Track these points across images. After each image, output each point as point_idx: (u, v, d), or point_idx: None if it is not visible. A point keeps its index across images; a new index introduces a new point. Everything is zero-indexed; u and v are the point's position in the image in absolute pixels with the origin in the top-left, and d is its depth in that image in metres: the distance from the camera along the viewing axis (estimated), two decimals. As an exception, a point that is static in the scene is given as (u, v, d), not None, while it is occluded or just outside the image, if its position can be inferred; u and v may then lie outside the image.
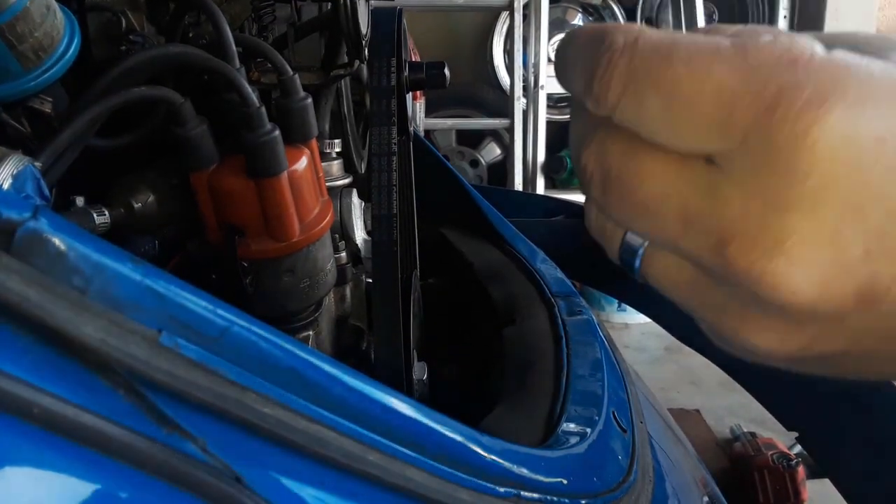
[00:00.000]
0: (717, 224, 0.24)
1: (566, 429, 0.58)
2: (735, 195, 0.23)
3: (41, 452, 0.24)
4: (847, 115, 0.21)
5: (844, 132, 0.21)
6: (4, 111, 0.52)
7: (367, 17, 0.79)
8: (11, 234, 0.24)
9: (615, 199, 0.27)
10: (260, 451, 0.29)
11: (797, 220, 0.22)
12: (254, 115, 0.59)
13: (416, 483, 0.33)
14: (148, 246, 0.71)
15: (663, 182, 0.25)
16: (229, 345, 0.28)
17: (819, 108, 0.21)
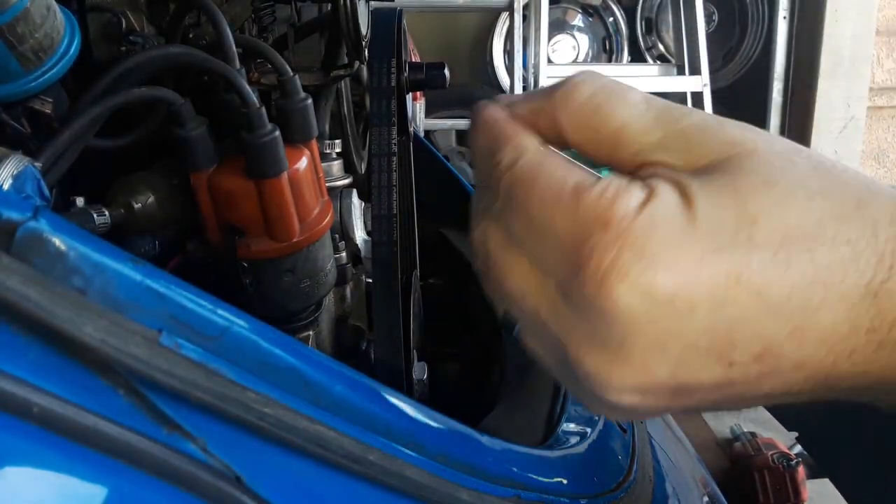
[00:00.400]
0: (558, 332, 0.29)
1: (566, 429, 0.58)
2: (568, 318, 0.29)
3: (41, 452, 0.24)
4: (643, 273, 0.26)
5: (640, 288, 0.26)
6: (4, 111, 0.52)
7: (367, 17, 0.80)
8: (12, 235, 0.24)
9: (489, 278, 0.32)
10: (260, 451, 0.29)
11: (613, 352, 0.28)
12: (254, 115, 0.59)
13: (416, 483, 0.33)
14: (148, 246, 0.71)
15: (523, 283, 0.30)
16: (229, 345, 0.28)
17: (621, 267, 0.26)
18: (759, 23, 3.95)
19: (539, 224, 0.29)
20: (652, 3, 4.13)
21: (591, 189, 0.28)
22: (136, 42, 0.63)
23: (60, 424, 0.24)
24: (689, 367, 0.28)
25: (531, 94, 0.33)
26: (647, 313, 0.27)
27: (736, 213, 0.27)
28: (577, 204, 0.28)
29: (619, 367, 0.28)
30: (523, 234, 0.30)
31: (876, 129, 3.83)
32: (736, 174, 0.28)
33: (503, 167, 0.31)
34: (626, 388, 0.29)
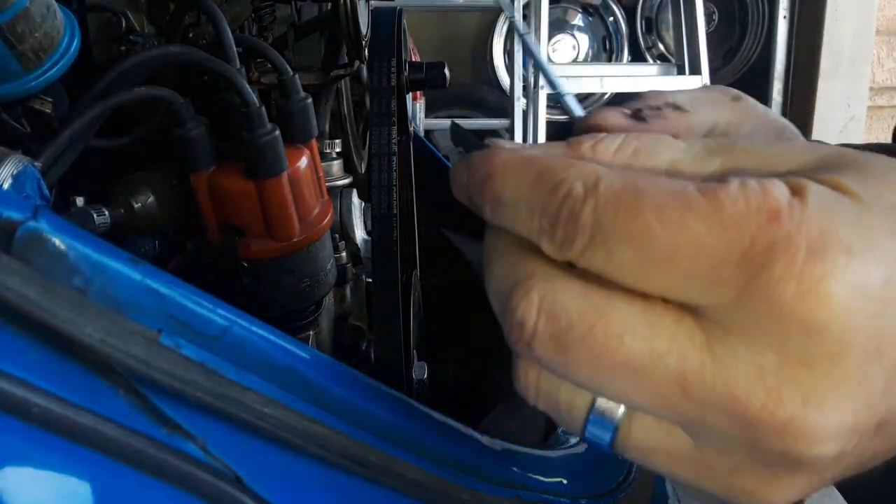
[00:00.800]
0: (725, 385, 0.22)
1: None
2: (742, 352, 0.22)
3: (41, 452, 0.24)
4: (850, 264, 0.21)
5: (852, 282, 0.21)
6: (4, 111, 0.52)
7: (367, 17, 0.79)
8: (12, 234, 0.24)
9: (582, 359, 0.23)
10: (260, 451, 0.29)
11: (824, 372, 0.21)
12: (254, 115, 0.59)
13: (416, 483, 0.33)
14: (148, 246, 0.71)
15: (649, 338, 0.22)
16: (229, 345, 0.28)
17: (823, 262, 0.21)
18: (759, 23, 3.95)
19: (663, 243, 0.22)
20: (652, 3, 4.13)
21: (725, 187, 0.22)
22: (136, 42, 0.63)
23: (60, 424, 0.24)
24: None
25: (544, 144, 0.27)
26: (865, 312, 0.21)
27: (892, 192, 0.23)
28: (720, 204, 0.21)
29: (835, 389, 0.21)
30: (636, 269, 0.22)
31: (876, 129, 3.83)
32: (852, 165, 0.23)
33: (578, 195, 0.23)
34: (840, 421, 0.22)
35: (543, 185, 0.24)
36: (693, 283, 0.22)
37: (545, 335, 0.23)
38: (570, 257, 0.23)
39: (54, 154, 0.51)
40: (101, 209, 0.58)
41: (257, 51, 0.69)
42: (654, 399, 0.23)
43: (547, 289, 0.24)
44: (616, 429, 0.25)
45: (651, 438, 0.24)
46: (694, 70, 3.24)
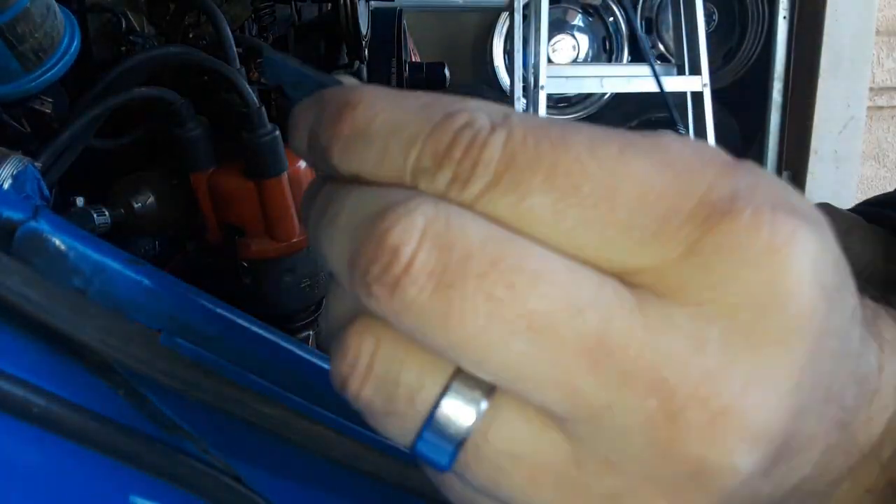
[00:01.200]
0: (653, 359, 0.16)
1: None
2: (682, 321, 0.17)
3: (41, 452, 0.24)
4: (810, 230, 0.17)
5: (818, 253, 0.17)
6: (5, 111, 0.52)
7: (368, 17, 0.80)
8: (12, 234, 0.24)
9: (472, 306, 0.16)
10: (260, 450, 0.29)
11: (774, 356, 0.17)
12: (254, 115, 0.59)
13: (416, 483, 0.33)
14: (148, 246, 0.71)
15: (568, 286, 0.17)
16: (229, 345, 0.28)
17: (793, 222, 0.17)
18: (759, 23, 3.95)
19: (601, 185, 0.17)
20: (652, 3, 4.13)
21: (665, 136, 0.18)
22: (136, 42, 0.63)
23: (60, 424, 0.24)
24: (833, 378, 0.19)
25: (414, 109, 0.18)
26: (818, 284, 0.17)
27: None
28: (667, 146, 0.18)
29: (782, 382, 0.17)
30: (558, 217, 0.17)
31: (876, 130, 3.83)
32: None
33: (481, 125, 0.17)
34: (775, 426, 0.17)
35: (432, 114, 0.18)
36: (631, 235, 0.17)
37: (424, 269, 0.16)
38: (462, 200, 0.17)
39: (54, 154, 0.51)
40: (101, 209, 0.58)
41: (257, 51, 0.69)
42: (553, 372, 0.16)
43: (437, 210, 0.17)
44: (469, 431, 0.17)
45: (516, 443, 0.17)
46: (694, 70, 3.24)
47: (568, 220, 0.17)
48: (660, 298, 0.17)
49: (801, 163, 3.64)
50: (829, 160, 3.60)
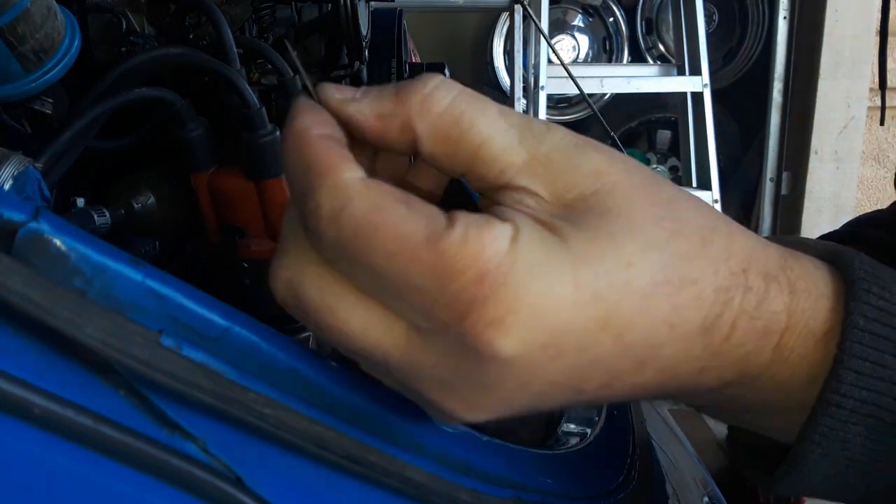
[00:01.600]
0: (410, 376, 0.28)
1: (566, 429, 0.58)
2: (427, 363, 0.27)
3: (41, 453, 0.24)
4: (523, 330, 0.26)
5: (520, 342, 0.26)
6: (5, 112, 0.52)
7: (368, 18, 0.80)
8: (12, 235, 0.24)
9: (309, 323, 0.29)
10: (261, 451, 0.29)
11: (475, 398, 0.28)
12: (254, 116, 0.59)
13: (416, 483, 0.33)
14: (148, 246, 0.71)
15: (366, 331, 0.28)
16: (230, 345, 0.28)
17: (500, 325, 0.26)
18: (760, 23, 3.95)
19: (391, 279, 0.26)
20: (652, 3, 4.13)
21: (448, 237, 0.26)
22: (137, 43, 0.63)
23: (60, 425, 0.24)
24: (544, 398, 0.29)
25: (374, 92, 0.29)
26: (522, 361, 0.27)
27: (615, 258, 0.27)
28: (438, 257, 0.25)
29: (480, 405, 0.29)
30: (367, 285, 0.27)
31: (876, 129, 3.83)
32: (606, 216, 0.28)
33: (324, 216, 0.26)
34: (481, 417, 0.29)
35: (305, 184, 0.27)
36: (412, 309, 0.27)
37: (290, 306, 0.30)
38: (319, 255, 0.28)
39: (55, 155, 0.51)
40: (101, 210, 0.58)
41: (258, 52, 0.69)
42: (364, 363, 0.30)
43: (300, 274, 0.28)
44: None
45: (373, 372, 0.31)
46: (694, 70, 3.24)
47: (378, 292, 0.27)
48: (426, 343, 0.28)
49: (801, 163, 3.63)
50: (829, 160, 3.60)
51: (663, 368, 0.29)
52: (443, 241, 0.26)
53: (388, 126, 0.28)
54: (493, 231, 0.26)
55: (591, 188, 0.28)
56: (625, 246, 0.27)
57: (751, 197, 3.94)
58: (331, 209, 0.26)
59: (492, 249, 0.26)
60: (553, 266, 0.26)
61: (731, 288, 0.29)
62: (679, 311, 0.28)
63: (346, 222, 0.26)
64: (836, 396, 0.30)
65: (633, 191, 0.29)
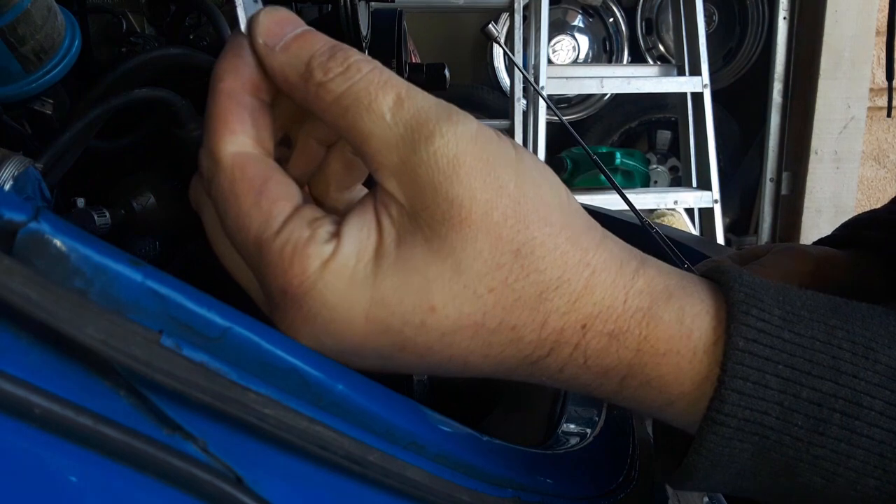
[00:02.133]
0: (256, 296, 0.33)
1: (566, 429, 0.58)
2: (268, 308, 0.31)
3: (41, 453, 0.24)
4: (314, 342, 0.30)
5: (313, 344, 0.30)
6: (6, 113, 0.52)
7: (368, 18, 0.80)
8: (13, 236, 0.24)
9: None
10: (261, 451, 0.29)
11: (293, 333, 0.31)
12: (254, 116, 0.59)
13: (416, 483, 0.33)
14: (148, 247, 0.71)
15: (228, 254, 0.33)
16: (230, 345, 0.28)
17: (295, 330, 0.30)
18: (760, 23, 3.95)
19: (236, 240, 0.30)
20: (652, 4, 4.13)
21: (270, 244, 0.29)
22: (137, 43, 0.63)
23: (60, 425, 0.24)
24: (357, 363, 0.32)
25: (294, 49, 0.30)
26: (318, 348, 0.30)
27: (417, 299, 0.29)
28: (260, 257, 0.29)
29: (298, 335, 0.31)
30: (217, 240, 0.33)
31: (876, 130, 3.83)
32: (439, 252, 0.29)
33: (203, 173, 0.31)
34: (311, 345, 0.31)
35: (204, 132, 0.31)
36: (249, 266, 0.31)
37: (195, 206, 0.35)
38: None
39: (55, 155, 0.51)
40: (101, 210, 0.58)
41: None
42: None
43: (199, 192, 0.33)
44: None
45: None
46: (694, 71, 3.24)
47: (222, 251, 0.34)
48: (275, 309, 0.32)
49: (801, 163, 3.63)
50: (829, 160, 3.60)
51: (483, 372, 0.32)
52: (264, 245, 0.29)
53: (294, 95, 0.30)
54: (309, 251, 0.29)
55: (442, 216, 0.29)
56: (434, 291, 0.29)
57: (751, 197, 3.94)
58: (207, 170, 0.30)
59: (300, 268, 0.29)
60: (351, 297, 0.29)
61: (559, 342, 0.31)
62: (492, 347, 0.30)
63: (213, 188, 0.30)
64: (720, 416, 0.31)
65: (483, 234, 0.29)
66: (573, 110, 4.13)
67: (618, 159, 3.31)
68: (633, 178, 3.37)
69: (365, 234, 0.30)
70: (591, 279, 0.31)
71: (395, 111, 0.29)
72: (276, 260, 0.29)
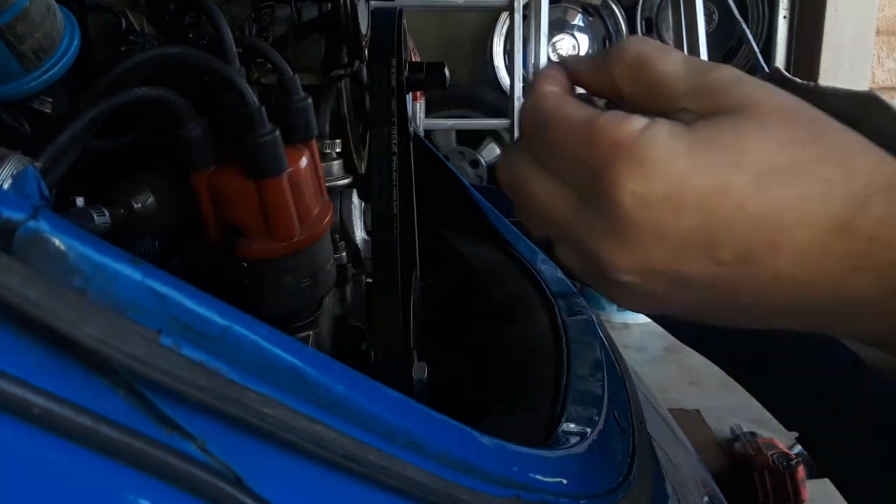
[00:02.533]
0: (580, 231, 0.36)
1: (566, 429, 0.58)
2: (587, 218, 0.36)
3: (41, 452, 0.24)
4: (640, 183, 0.33)
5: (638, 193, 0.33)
6: (5, 111, 0.52)
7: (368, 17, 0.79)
8: (11, 235, 0.24)
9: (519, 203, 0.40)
10: (260, 451, 0.29)
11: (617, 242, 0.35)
12: (253, 115, 0.59)
13: (416, 483, 0.33)
14: (148, 246, 0.71)
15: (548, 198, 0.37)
16: (229, 345, 0.28)
17: (624, 178, 0.33)
18: (759, 23, 3.95)
19: (558, 149, 0.36)
20: (652, 3, 4.13)
21: (598, 119, 0.35)
22: (136, 42, 0.63)
23: (60, 425, 0.24)
24: (682, 257, 0.34)
25: (590, 56, 0.40)
26: (643, 210, 0.33)
27: (729, 143, 0.33)
28: (588, 130, 0.35)
29: (624, 251, 0.35)
30: (545, 160, 0.37)
31: (876, 129, 3.82)
32: (737, 118, 0.34)
33: (527, 109, 0.38)
34: (629, 269, 0.35)
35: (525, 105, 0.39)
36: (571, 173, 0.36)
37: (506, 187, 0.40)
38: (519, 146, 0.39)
39: (54, 154, 0.51)
40: (101, 209, 0.58)
41: (257, 51, 0.69)
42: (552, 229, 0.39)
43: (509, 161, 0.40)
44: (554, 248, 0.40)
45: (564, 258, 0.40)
46: (694, 70, 3.23)
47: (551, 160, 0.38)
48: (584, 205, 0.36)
49: (801, 163, 3.63)
50: (829, 160, 3.59)
51: (800, 258, 0.33)
52: (594, 122, 0.35)
53: (596, 77, 0.39)
54: (632, 119, 0.34)
55: (738, 106, 0.34)
56: (744, 136, 0.33)
57: (751, 197, 3.94)
58: (531, 105, 0.38)
59: (626, 127, 0.34)
60: (673, 141, 0.33)
61: (870, 197, 0.32)
62: (804, 201, 0.32)
63: (538, 112, 0.37)
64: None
65: (774, 109, 0.34)
66: (573, 110, 4.12)
67: (617, 159, 3.30)
68: (632, 177, 3.37)
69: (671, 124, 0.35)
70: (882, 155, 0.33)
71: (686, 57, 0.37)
72: (604, 128, 0.34)
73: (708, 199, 0.33)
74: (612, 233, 0.35)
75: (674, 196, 0.33)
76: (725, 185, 0.33)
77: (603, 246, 0.35)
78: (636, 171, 0.33)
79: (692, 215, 0.33)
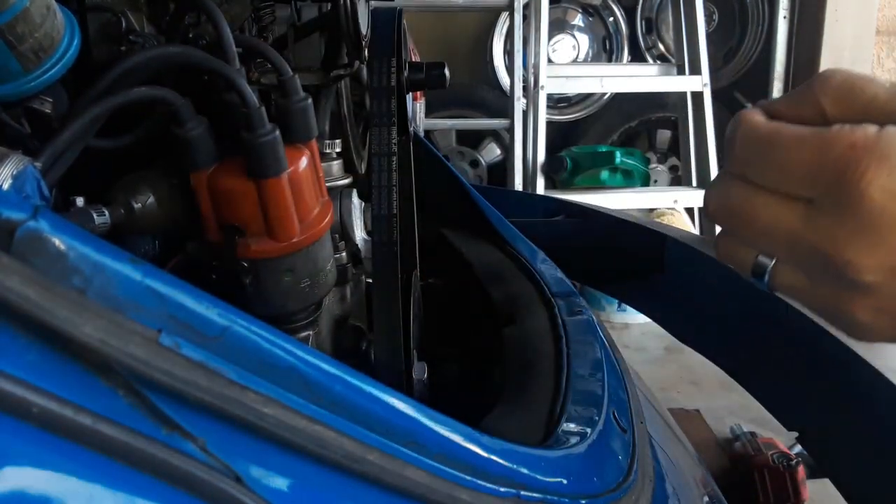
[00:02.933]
0: (816, 239, 0.37)
1: (566, 429, 0.58)
2: (825, 224, 0.36)
3: (41, 452, 0.24)
4: (883, 175, 0.34)
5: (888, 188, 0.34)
6: (5, 111, 0.52)
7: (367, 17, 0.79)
8: (11, 234, 0.24)
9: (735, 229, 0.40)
10: (260, 450, 0.29)
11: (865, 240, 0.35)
12: (253, 115, 0.59)
13: (416, 483, 0.33)
14: (148, 246, 0.71)
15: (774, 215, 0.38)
16: (229, 344, 0.28)
17: (872, 174, 0.34)
18: (760, 23, 3.95)
19: (788, 163, 0.37)
20: (652, 3, 4.13)
21: (831, 128, 0.36)
22: (136, 42, 0.63)
23: (60, 424, 0.24)
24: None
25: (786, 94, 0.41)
26: (892, 203, 0.34)
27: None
28: (822, 138, 0.36)
29: (872, 248, 0.35)
30: (766, 179, 0.38)
31: (876, 129, 3.82)
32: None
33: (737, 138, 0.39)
34: (877, 267, 0.36)
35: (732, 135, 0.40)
36: (803, 184, 0.37)
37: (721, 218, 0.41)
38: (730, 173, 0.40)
39: (54, 154, 0.51)
40: (101, 209, 0.58)
41: (257, 51, 0.69)
42: (779, 247, 0.39)
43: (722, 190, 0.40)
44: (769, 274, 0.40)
45: (787, 280, 0.40)
46: (694, 70, 3.24)
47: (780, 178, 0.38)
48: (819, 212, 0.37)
49: (801, 163, 3.63)
50: (829, 160, 3.59)
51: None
52: (826, 131, 0.36)
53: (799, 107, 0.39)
54: (863, 125, 0.35)
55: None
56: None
57: (751, 197, 3.94)
58: (743, 133, 0.39)
59: (862, 131, 0.35)
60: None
61: None
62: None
63: (755, 135, 0.38)
64: None
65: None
66: (573, 109, 4.12)
67: (618, 158, 3.30)
68: (632, 177, 3.37)
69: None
70: None
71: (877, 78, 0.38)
72: (839, 133, 0.35)
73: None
74: (858, 231, 0.35)
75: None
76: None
77: (847, 246, 0.36)
78: (884, 166, 0.34)
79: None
